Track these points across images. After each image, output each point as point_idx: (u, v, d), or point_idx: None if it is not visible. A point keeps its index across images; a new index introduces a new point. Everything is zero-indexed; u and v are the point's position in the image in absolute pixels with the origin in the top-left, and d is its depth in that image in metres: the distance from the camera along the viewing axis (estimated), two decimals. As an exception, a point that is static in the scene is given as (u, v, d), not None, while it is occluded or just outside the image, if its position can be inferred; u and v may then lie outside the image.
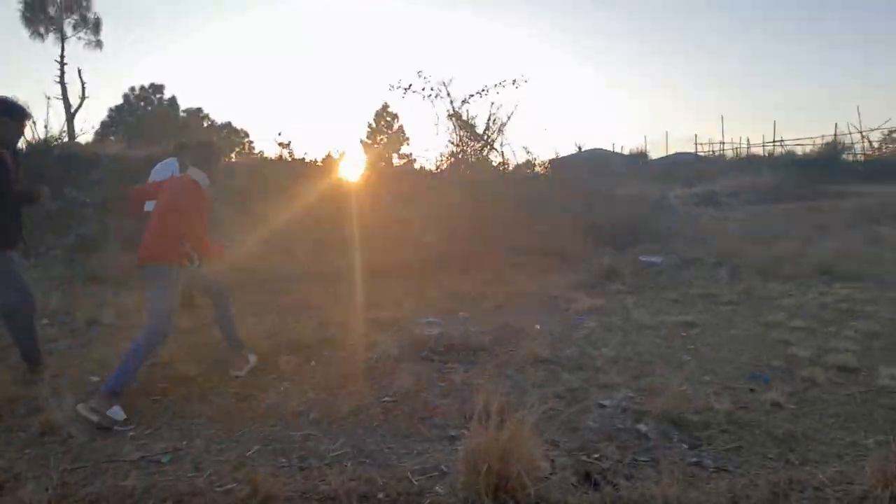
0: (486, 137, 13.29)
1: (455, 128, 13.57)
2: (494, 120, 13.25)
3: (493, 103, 16.45)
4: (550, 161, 17.43)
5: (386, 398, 3.61)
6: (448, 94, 15.43)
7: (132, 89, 34.49)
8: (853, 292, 6.28)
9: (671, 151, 31.01)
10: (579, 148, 25.28)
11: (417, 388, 3.75)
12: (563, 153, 19.20)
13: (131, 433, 3.17)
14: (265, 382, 3.90)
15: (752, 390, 3.72)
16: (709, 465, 2.77)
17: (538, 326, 5.21)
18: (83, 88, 14.54)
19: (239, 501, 2.42)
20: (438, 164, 13.44)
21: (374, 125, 36.81)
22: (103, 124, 32.61)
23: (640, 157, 28.95)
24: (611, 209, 10.36)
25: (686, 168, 23.43)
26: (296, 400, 3.56)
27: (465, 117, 13.60)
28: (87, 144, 9.38)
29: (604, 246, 8.88)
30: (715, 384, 3.82)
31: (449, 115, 13.62)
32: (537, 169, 14.38)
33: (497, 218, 10.65)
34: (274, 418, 3.35)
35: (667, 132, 36.55)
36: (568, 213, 10.79)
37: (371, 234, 9.32)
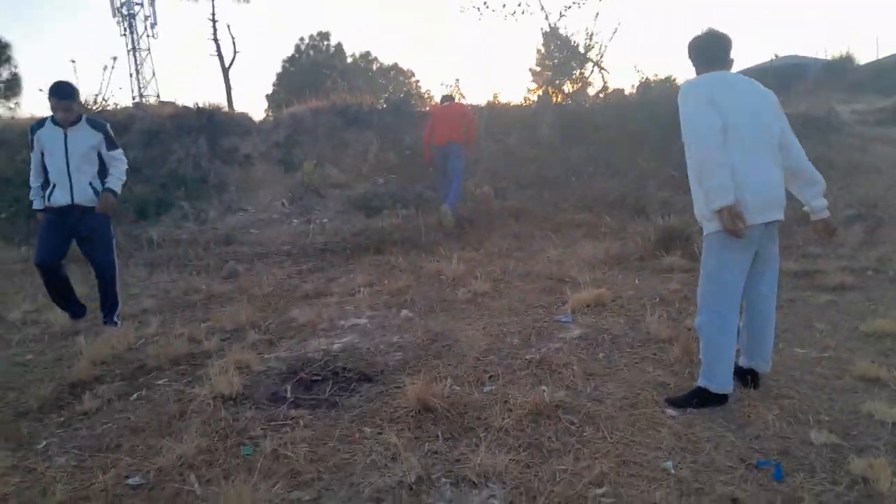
0: (586, 54, 10.93)
1: (551, 48, 11.43)
2: (592, 35, 10.83)
3: (597, 14, 13.86)
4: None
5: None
6: (542, 8, 13.13)
7: (301, 39, 35.14)
8: None
9: (884, 54, 24.61)
10: (775, 55, 21.13)
11: (187, 463, 2.49)
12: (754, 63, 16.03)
13: None
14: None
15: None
16: None
17: (472, 338, 3.60)
18: (234, 43, 15.35)
19: None
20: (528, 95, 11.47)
21: (542, 50, 33.94)
22: (279, 76, 33.44)
23: (842, 61, 23.28)
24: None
25: (899, 74, 18.24)
26: None
27: (562, 33, 11.35)
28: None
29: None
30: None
31: (544, 33, 11.49)
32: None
33: (587, 160, 8.67)
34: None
35: (877, 37, 29.15)
36: (673, 149, 8.41)
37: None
